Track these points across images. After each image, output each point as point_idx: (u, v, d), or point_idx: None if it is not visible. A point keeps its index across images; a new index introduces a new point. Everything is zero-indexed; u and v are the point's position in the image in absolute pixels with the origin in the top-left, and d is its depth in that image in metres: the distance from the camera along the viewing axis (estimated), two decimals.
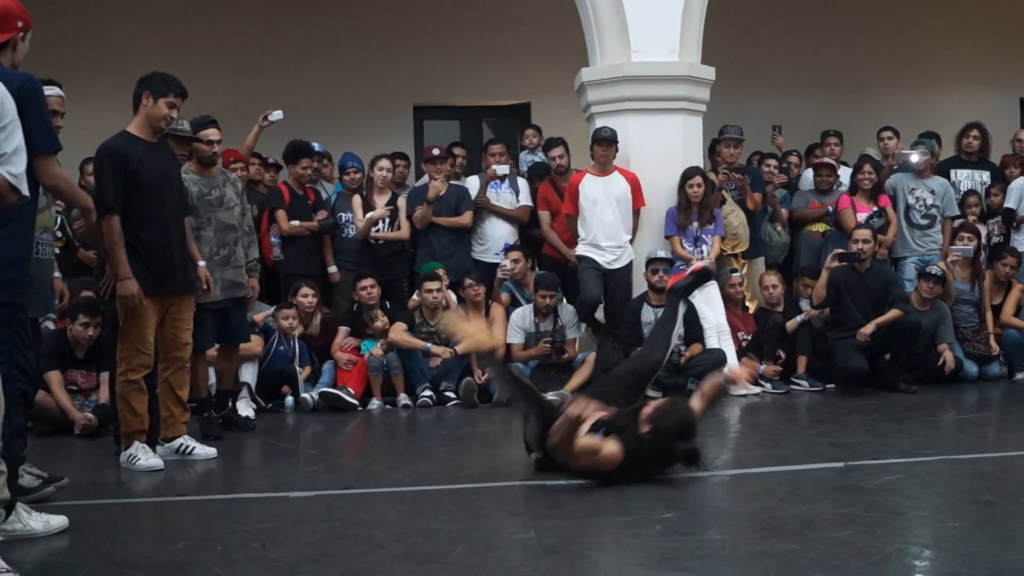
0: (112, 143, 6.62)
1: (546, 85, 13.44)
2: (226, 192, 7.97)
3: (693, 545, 4.46)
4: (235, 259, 7.96)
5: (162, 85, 6.66)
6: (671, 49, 10.03)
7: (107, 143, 6.62)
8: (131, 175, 6.52)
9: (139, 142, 6.65)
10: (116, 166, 6.48)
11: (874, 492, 5.41)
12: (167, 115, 6.68)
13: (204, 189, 7.80)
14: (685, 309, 7.24)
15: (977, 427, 8.13)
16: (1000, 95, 14.78)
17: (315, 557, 4.42)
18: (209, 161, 7.96)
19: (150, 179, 6.61)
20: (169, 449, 6.81)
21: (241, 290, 8.07)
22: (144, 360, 6.57)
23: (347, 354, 9.53)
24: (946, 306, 10.20)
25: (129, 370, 6.54)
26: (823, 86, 14.28)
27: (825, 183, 10.98)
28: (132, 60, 11.95)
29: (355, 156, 10.94)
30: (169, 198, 6.79)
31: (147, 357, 6.58)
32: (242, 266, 8.05)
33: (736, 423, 8.42)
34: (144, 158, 6.60)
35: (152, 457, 6.56)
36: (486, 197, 10.55)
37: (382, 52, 13.67)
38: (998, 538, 4.46)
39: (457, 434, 8.01)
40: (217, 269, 7.78)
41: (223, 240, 7.87)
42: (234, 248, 7.95)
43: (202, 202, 7.76)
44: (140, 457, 6.53)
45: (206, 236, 7.76)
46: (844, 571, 4.01)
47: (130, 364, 6.54)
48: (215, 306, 7.79)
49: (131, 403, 6.55)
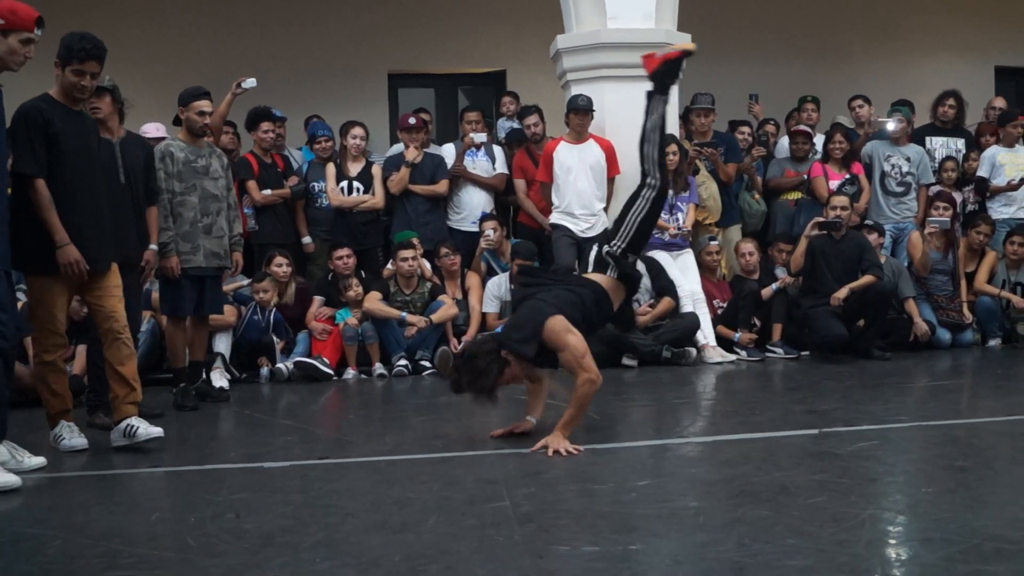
0: (32, 103, 6.10)
1: (522, 52, 13.38)
2: (212, 163, 7.98)
3: (668, 512, 4.45)
4: (217, 229, 7.94)
5: (65, 52, 6.09)
6: (647, 16, 9.98)
7: (26, 104, 6.10)
8: (52, 139, 6.02)
9: (58, 106, 6.13)
10: (35, 128, 5.98)
11: (848, 458, 5.42)
12: (76, 83, 6.10)
13: (191, 156, 7.85)
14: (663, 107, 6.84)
15: (950, 393, 8.17)
16: (975, 62, 14.82)
17: (289, 527, 4.40)
18: (200, 132, 7.94)
19: (71, 147, 6.12)
20: (117, 432, 6.30)
21: (222, 261, 8.05)
22: (57, 340, 6.23)
23: (321, 323, 9.50)
24: (898, 261, 10.27)
25: (43, 351, 6.22)
26: (799, 53, 14.28)
27: (801, 151, 10.99)
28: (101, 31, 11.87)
29: (325, 124, 10.90)
30: (93, 170, 6.33)
31: (59, 337, 6.24)
32: (224, 236, 8.01)
33: (711, 391, 8.43)
34: (64, 127, 6.08)
35: (76, 437, 6.30)
36: (463, 165, 10.51)
37: (357, 20, 13.60)
38: (971, 503, 4.47)
39: (432, 403, 7.99)
40: (200, 236, 7.80)
41: (207, 208, 7.87)
42: (216, 218, 7.93)
43: (188, 168, 7.79)
44: (64, 437, 6.28)
45: (190, 202, 7.79)
46: (818, 537, 4.01)
47: (43, 345, 6.22)
48: (197, 273, 7.79)
49: (49, 384, 6.27)
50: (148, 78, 11.53)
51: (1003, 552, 3.79)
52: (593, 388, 5.85)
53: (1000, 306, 10.32)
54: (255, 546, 4.15)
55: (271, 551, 4.08)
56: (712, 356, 9.47)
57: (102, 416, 6.86)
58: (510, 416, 6.58)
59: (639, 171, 6.57)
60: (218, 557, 4.03)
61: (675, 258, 9.87)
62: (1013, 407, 7.04)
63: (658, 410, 7.44)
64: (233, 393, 8.47)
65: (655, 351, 9.27)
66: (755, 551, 3.88)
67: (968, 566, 3.66)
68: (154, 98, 10.23)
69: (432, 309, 9.53)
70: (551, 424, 6.00)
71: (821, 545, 3.92)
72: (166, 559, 4.08)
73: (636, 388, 8.41)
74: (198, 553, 4.10)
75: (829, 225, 9.77)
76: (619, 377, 8.85)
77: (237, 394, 8.48)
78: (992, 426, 6.40)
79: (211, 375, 8.67)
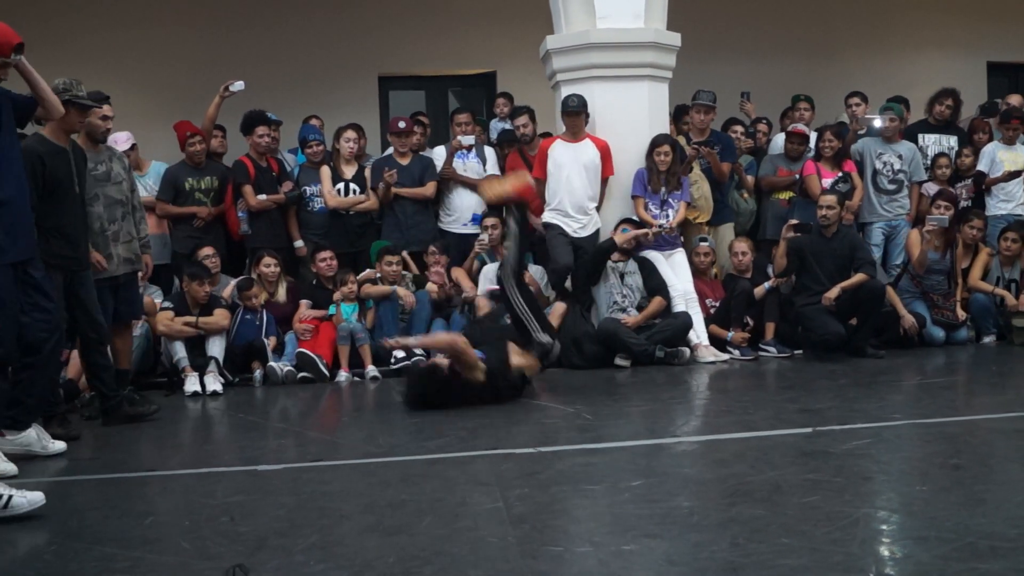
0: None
1: (512, 53, 13.36)
2: (113, 167, 7.74)
3: (662, 512, 4.45)
4: (125, 234, 7.74)
5: None
6: (636, 15, 9.97)
7: None
8: None
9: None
10: None
11: (842, 457, 5.43)
12: None
13: (90, 164, 7.49)
14: None
15: (945, 391, 8.16)
16: (967, 58, 14.84)
17: (283, 530, 4.40)
18: (101, 138, 7.74)
19: None
20: None
21: (135, 265, 7.88)
22: None
23: (305, 324, 9.46)
24: (854, 231, 10.31)
25: None
26: (791, 51, 14.29)
27: (796, 151, 10.96)
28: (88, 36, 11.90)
29: (316, 129, 10.88)
30: None
31: None
32: (133, 240, 7.83)
33: (705, 390, 8.43)
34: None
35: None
36: (452, 168, 10.49)
37: (346, 22, 13.59)
38: (966, 502, 4.47)
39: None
40: (110, 245, 7.60)
41: (112, 215, 7.64)
42: (123, 223, 7.72)
43: (88, 176, 7.44)
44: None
45: (95, 212, 7.51)
46: (812, 536, 4.02)
47: None
48: (112, 282, 7.62)
49: None
50: (135, 80, 11.52)
51: (998, 550, 3.80)
52: None
53: (994, 303, 10.32)
54: (249, 549, 4.15)
55: (265, 554, 4.08)
56: (705, 355, 9.46)
57: (56, 427, 6.76)
58: (510, 415, 6.57)
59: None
60: (213, 560, 4.03)
61: (667, 257, 9.86)
62: (1008, 404, 7.05)
63: (651, 410, 7.42)
64: (227, 396, 8.48)
65: (648, 351, 9.26)
66: (749, 550, 3.88)
67: (963, 564, 3.66)
68: (140, 100, 10.23)
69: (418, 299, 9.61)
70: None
71: (815, 544, 3.92)
72: (161, 563, 4.07)
73: (629, 388, 8.41)
74: (193, 556, 4.10)
75: (803, 227, 9.78)
76: (612, 377, 8.85)
77: (231, 397, 8.48)
78: (987, 423, 6.41)
79: (205, 379, 8.66)
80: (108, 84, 7.57)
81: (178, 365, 8.79)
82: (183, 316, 8.97)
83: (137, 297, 8.21)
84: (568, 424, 6.81)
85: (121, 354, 7.88)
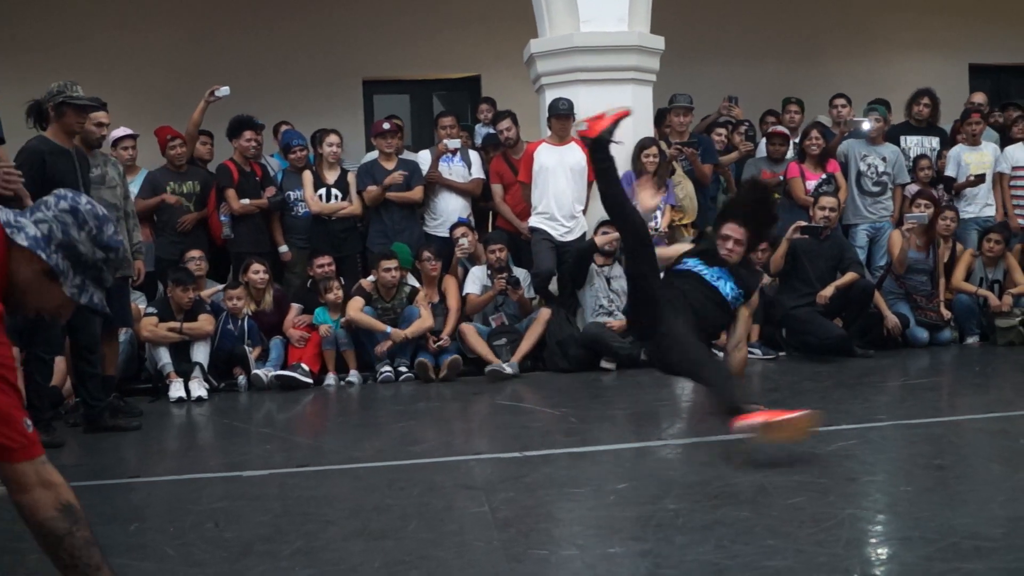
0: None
1: (496, 57, 13.34)
2: (108, 172, 7.77)
3: (647, 515, 4.46)
4: None
5: None
6: (620, 19, 9.99)
7: None
8: None
9: None
10: None
11: (827, 458, 5.44)
12: None
13: None
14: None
15: (929, 392, 8.20)
16: (949, 60, 14.85)
17: (269, 535, 4.40)
18: (96, 143, 7.75)
19: None
20: None
21: (126, 271, 7.79)
22: None
23: (299, 331, 9.46)
24: (839, 233, 10.31)
25: None
26: (774, 53, 14.28)
27: (778, 152, 10.98)
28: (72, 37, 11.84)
29: (299, 133, 10.87)
30: None
31: None
32: (127, 247, 7.80)
33: (690, 392, 8.42)
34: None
35: None
36: (438, 172, 10.47)
37: (331, 26, 13.54)
38: (950, 501, 4.49)
39: (411, 409, 7.97)
40: None
41: None
42: (117, 228, 7.71)
43: None
44: None
45: None
46: (797, 537, 4.03)
47: None
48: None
49: None
50: (119, 85, 11.48)
51: (981, 550, 3.81)
52: None
53: (978, 304, 10.34)
54: (235, 555, 4.15)
55: (251, 560, 4.07)
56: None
57: (40, 433, 6.74)
58: (495, 419, 6.58)
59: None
60: (198, 567, 4.03)
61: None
62: (991, 405, 7.09)
63: (637, 413, 7.44)
64: (212, 402, 8.46)
65: (633, 354, 9.27)
66: (735, 552, 3.89)
67: (947, 564, 3.67)
68: (124, 105, 10.20)
69: (408, 315, 9.47)
70: None
71: (800, 545, 3.93)
72: (146, 569, 4.06)
73: (614, 391, 8.42)
74: (178, 563, 4.10)
75: (811, 230, 9.76)
76: (597, 380, 8.86)
77: (216, 403, 8.46)
78: (970, 424, 6.44)
79: (190, 384, 8.63)
80: (92, 89, 7.51)
81: (163, 371, 8.76)
82: (167, 322, 8.95)
83: (127, 304, 8.18)
84: (554, 427, 6.82)
85: (107, 361, 7.84)
